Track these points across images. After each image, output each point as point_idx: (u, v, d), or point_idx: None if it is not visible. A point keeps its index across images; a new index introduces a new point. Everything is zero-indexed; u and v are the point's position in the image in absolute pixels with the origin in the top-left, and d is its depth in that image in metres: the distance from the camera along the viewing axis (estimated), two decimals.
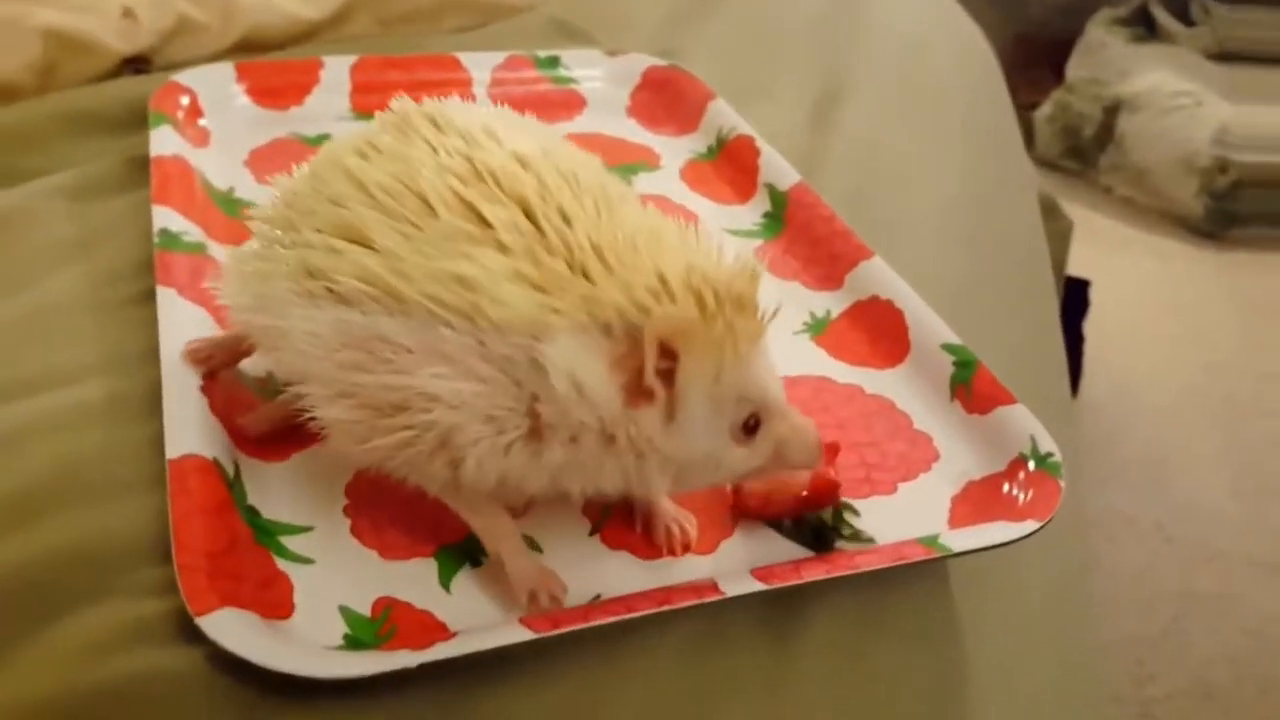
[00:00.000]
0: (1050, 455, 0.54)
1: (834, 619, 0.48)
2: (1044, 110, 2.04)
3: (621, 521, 0.50)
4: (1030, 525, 0.50)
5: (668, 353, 0.42)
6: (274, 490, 0.50)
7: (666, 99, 0.83)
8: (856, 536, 0.51)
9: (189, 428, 0.49)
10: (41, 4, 0.79)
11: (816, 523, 0.51)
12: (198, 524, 0.45)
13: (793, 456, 0.46)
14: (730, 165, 0.77)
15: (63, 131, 0.72)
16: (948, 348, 0.60)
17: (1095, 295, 1.43)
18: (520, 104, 0.78)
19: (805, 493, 0.51)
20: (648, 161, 0.77)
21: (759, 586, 0.46)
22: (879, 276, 0.65)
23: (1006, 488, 0.54)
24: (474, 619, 0.46)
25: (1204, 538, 1.36)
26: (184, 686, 0.41)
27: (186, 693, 0.41)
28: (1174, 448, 1.50)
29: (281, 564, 0.47)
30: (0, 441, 0.50)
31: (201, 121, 0.74)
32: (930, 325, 0.61)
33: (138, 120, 0.71)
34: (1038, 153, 2.01)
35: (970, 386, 0.58)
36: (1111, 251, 1.83)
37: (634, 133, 0.80)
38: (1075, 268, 1.29)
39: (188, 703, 0.41)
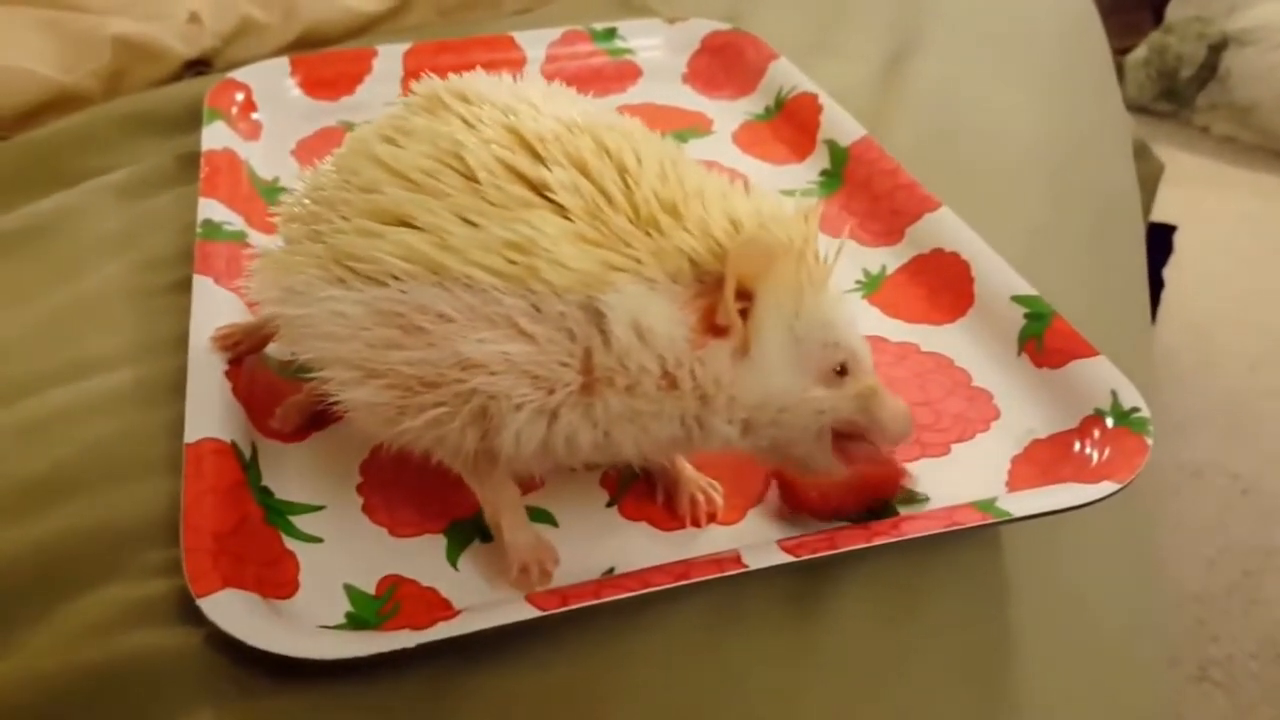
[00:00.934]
0: (1136, 410, 0.49)
1: (868, 588, 0.45)
2: (1137, 54, 1.96)
3: (642, 492, 0.48)
4: (1107, 487, 0.45)
5: (744, 290, 0.40)
6: (290, 470, 0.49)
7: (726, 62, 0.80)
8: (913, 498, 0.47)
9: (209, 412, 0.49)
10: (113, 14, 0.81)
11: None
12: (209, 506, 0.45)
13: (883, 414, 0.43)
14: (789, 124, 0.73)
15: (123, 133, 0.74)
16: (1020, 299, 0.55)
17: (1183, 238, 1.35)
18: (574, 78, 0.76)
19: (868, 482, 0.46)
20: (699, 127, 0.74)
21: (786, 559, 0.42)
22: (944, 227, 0.60)
23: (1078, 446, 0.49)
24: (480, 596, 0.44)
25: None
26: (184, 666, 0.41)
27: (186, 672, 0.41)
28: (1259, 396, 1.38)
29: (289, 543, 0.46)
30: (32, 427, 0.51)
31: (254, 115, 0.74)
32: (1000, 276, 0.57)
33: (195, 119, 0.72)
34: (1128, 97, 1.91)
35: (1042, 340, 0.53)
36: (1205, 192, 1.74)
37: (688, 99, 0.77)
38: (1164, 210, 1.21)
39: (187, 682, 0.40)
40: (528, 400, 0.40)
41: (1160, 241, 1.33)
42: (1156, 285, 1.34)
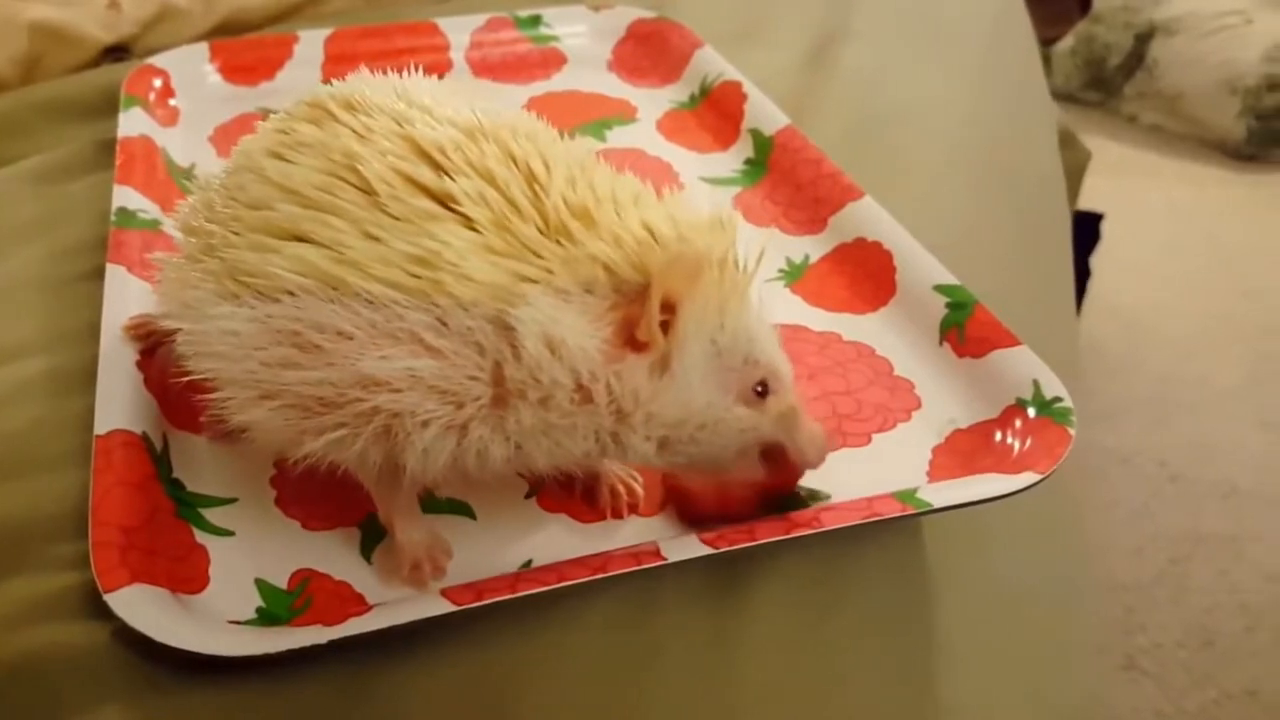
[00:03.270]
0: (1058, 400, 0.49)
1: (788, 580, 0.44)
2: (1065, 43, 1.99)
3: (561, 484, 0.47)
4: (1029, 477, 0.45)
5: (666, 303, 0.39)
6: (202, 463, 0.48)
7: (651, 50, 0.79)
8: (814, 496, 0.46)
9: (119, 403, 0.48)
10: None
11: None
12: (118, 499, 0.44)
13: (801, 437, 0.42)
14: (713, 112, 0.73)
15: (40, 120, 0.72)
16: (941, 289, 0.55)
17: (1111, 227, 1.36)
18: (498, 67, 0.77)
19: (765, 481, 0.44)
20: (624, 114, 0.73)
21: (705, 550, 0.42)
22: (866, 217, 0.60)
23: (999, 436, 0.49)
24: (394, 591, 0.43)
25: (1219, 476, 1.26)
26: (91, 662, 0.40)
27: (93, 668, 0.40)
28: (1187, 384, 1.41)
29: (200, 537, 0.45)
30: None
31: (172, 102, 0.72)
32: (922, 265, 0.57)
33: (113, 105, 0.70)
34: (1056, 85, 1.96)
35: (964, 329, 0.53)
36: (1133, 181, 1.78)
37: (612, 87, 0.77)
38: (1092, 199, 1.23)
39: (94, 678, 0.39)
40: (435, 416, 0.39)
41: (1087, 230, 1.35)
42: (1083, 273, 1.36)
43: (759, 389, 0.41)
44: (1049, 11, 1.80)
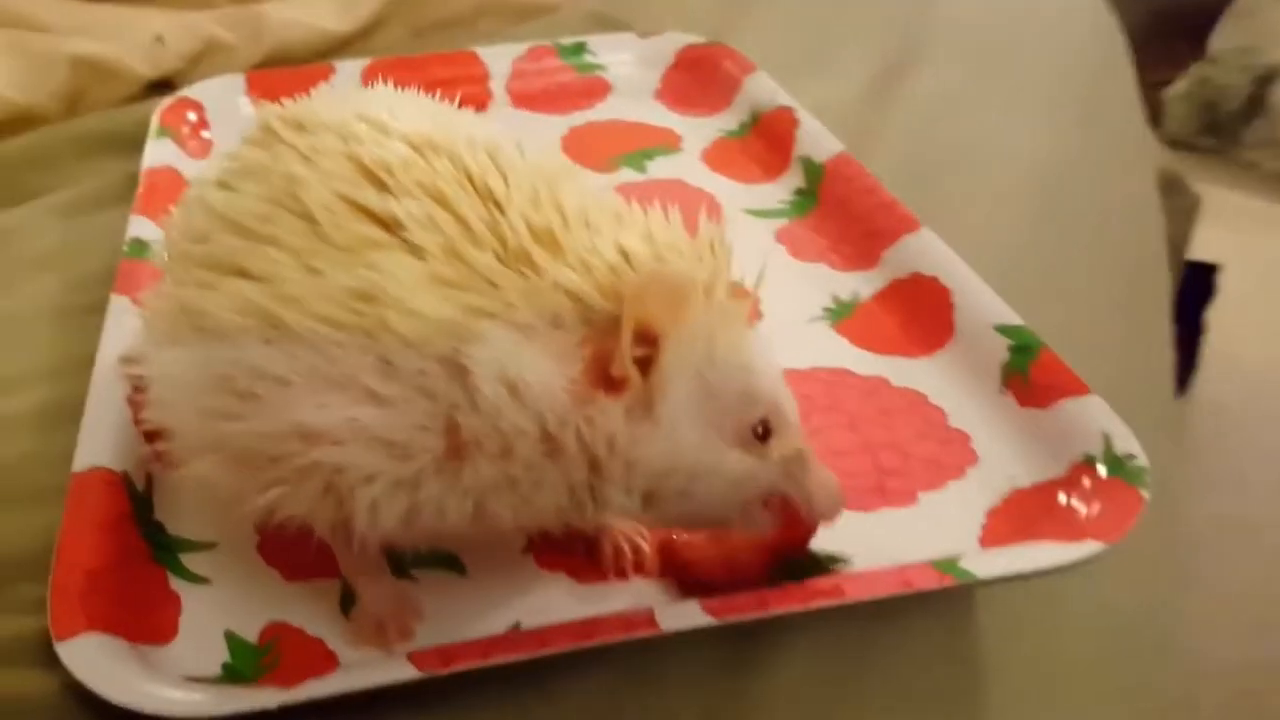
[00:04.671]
0: (1131, 458, 0.43)
1: (810, 652, 0.39)
2: (1178, 86, 1.87)
3: (562, 538, 0.42)
4: (1091, 547, 0.39)
5: (645, 335, 0.34)
6: (186, 504, 0.44)
7: (701, 77, 0.75)
8: (834, 559, 0.41)
9: (102, 440, 0.45)
10: (76, 34, 0.78)
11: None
12: (87, 540, 0.41)
13: (811, 486, 0.37)
14: (762, 140, 0.69)
15: (76, 153, 0.71)
16: (1004, 329, 0.50)
17: (1229, 279, 1.26)
18: (539, 97, 0.74)
19: (774, 539, 0.39)
20: (667, 144, 0.70)
21: (707, 621, 0.37)
22: (923, 250, 0.55)
23: (1064, 498, 0.43)
24: (364, 652, 0.39)
25: None
26: (38, 713, 0.37)
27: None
28: None
29: (174, 584, 0.42)
30: None
31: (205, 134, 0.70)
32: (982, 304, 0.51)
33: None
34: (1169, 131, 1.84)
35: (1028, 375, 0.48)
36: (1254, 231, 1.64)
37: (658, 115, 0.73)
38: (1207, 250, 1.14)
39: None
40: (380, 471, 0.34)
41: (1201, 282, 1.25)
42: (1198, 328, 1.27)
43: (759, 430, 0.36)
44: (1160, 53, 1.73)
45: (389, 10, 0.85)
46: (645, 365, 0.35)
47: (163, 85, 0.78)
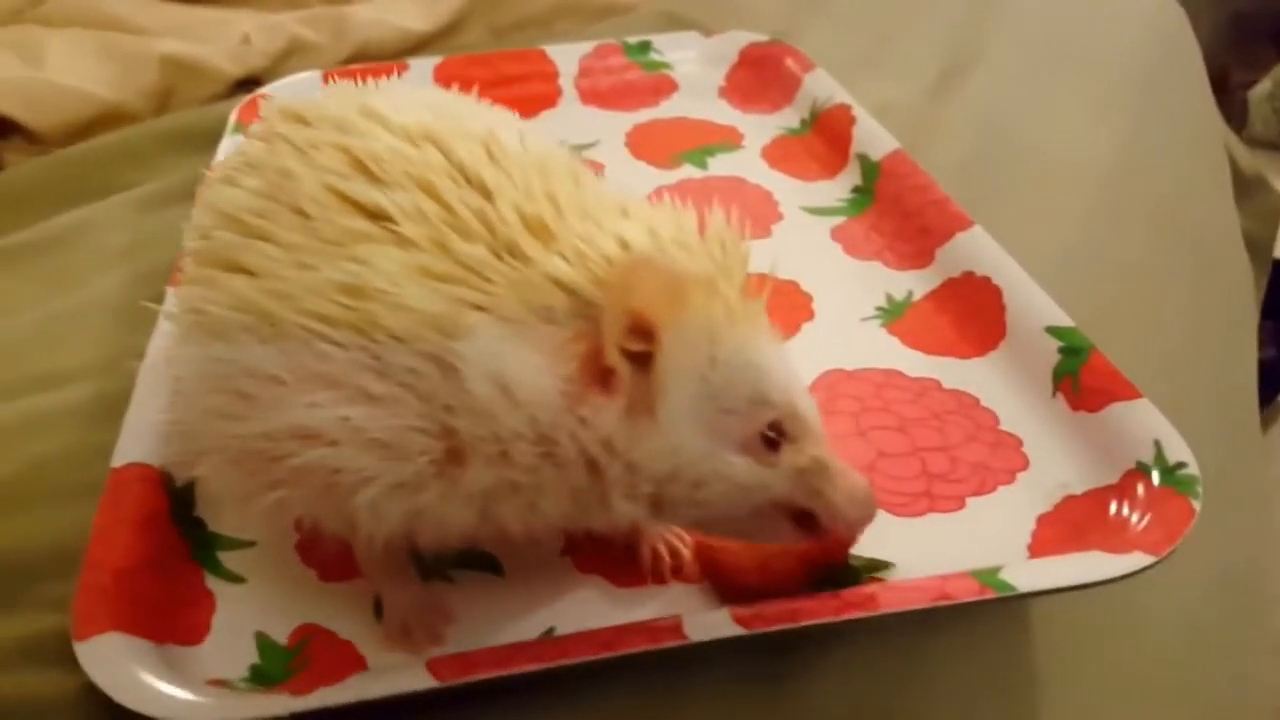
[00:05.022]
0: (1182, 466, 0.39)
1: (850, 671, 0.36)
2: (1262, 88, 1.75)
3: (603, 541, 0.39)
4: (1138, 559, 0.35)
5: (641, 329, 0.31)
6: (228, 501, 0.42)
7: (764, 75, 0.71)
8: (874, 566, 0.38)
9: (144, 435, 0.43)
10: (166, 35, 0.77)
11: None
12: (119, 538, 0.39)
13: (835, 495, 0.33)
14: (821, 138, 0.64)
15: (160, 149, 0.69)
16: (1054, 331, 0.45)
17: None
18: (607, 94, 0.71)
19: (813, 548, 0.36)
20: (729, 141, 0.66)
21: (736, 631, 0.33)
22: (975, 249, 0.51)
23: (1115, 506, 0.39)
24: (399, 654, 0.36)
25: None
26: (54, 714, 0.35)
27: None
28: None
29: (210, 582, 0.39)
30: None
31: None
32: (1034, 305, 0.47)
33: None
34: (1253, 133, 1.73)
35: (1078, 378, 0.43)
36: None
37: (721, 113, 0.69)
38: None
39: None
40: (377, 473, 0.31)
41: None
42: None
43: (770, 436, 0.32)
44: (1245, 54, 1.63)
45: (469, 10, 0.83)
46: (645, 362, 0.31)
47: (250, 83, 0.77)
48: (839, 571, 0.37)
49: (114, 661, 0.34)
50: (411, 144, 0.34)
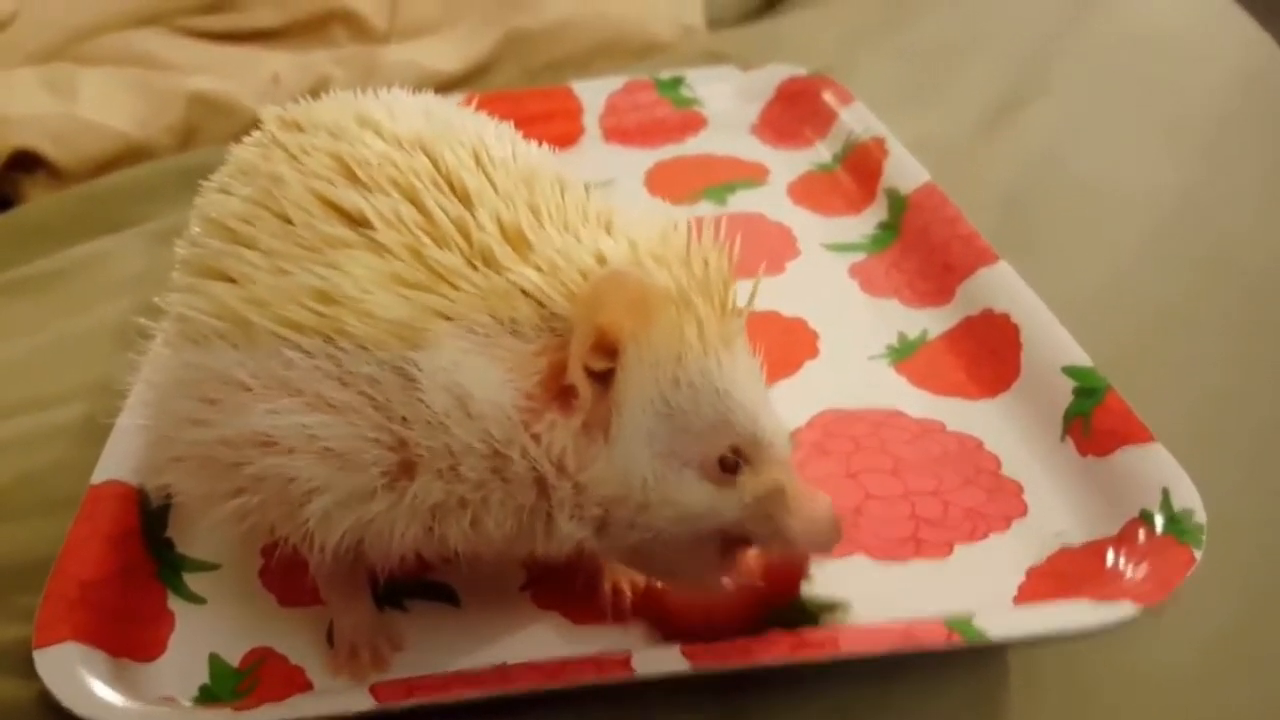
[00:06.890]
0: (1189, 513, 0.39)
1: (809, 711, 0.37)
2: None
3: (561, 576, 0.41)
4: (1124, 609, 0.35)
5: (606, 345, 0.33)
6: (199, 523, 0.45)
7: (799, 110, 0.74)
8: (830, 607, 0.39)
9: (124, 454, 0.47)
10: (196, 72, 0.83)
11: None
12: (90, 552, 0.43)
13: (792, 523, 0.34)
14: (852, 173, 0.67)
15: (180, 185, 0.73)
16: (1071, 371, 0.47)
17: None
18: (633, 131, 0.75)
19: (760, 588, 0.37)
20: (754, 177, 0.69)
21: (685, 667, 0.35)
22: (998, 284, 0.53)
23: (1112, 557, 0.40)
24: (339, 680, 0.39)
25: None
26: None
27: None
28: None
29: (172, 602, 0.43)
30: None
31: None
32: (1052, 343, 0.48)
33: None
34: None
35: (1089, 420, 0.45)
36: None
37: (750, 149, 0.72)
38: None
39: None
40: (328, 483, 0.34)
41: None
42: None
43: (729, 458, 0.34)
44: None
45: (501, 51, 0.87)
46: (606, 380, 0.33)
47: None
48: (790, 612, 0.38)
49: (69, 670, 0.38)
50: (402, 150, 0.36)
